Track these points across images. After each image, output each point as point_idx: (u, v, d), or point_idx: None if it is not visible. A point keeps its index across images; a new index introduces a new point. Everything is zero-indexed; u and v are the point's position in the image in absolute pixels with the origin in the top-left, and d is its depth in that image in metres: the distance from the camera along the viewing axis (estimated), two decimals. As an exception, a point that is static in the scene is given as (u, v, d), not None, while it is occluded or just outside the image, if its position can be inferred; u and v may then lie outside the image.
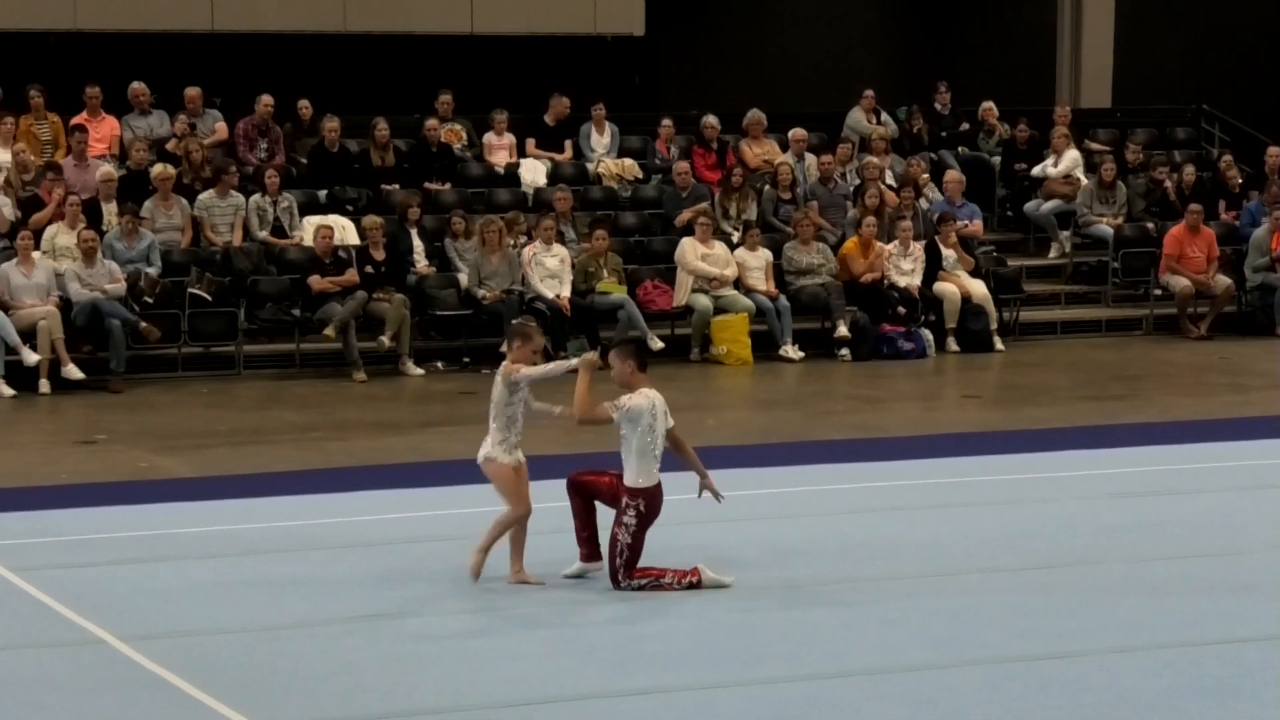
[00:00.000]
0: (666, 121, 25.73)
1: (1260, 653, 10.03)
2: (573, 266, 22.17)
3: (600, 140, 25.30)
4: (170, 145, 22.92)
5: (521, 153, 24.94)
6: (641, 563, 11.37)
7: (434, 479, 14.97)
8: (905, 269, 22.99)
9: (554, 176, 24.74)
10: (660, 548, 11.58)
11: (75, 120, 22.70)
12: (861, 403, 19.66)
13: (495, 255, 21.84)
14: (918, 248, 23.14)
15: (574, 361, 11.64)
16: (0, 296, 19.85)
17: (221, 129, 23.39)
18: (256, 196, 22.28)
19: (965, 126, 27.27)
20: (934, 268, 23.09)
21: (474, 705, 9.13)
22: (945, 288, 22.94)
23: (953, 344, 22.81)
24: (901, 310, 22.65)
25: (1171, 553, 12.47)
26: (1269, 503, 14.11)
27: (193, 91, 23.46)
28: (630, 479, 11.33)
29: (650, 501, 11.33)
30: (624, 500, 11.32)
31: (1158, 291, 24.64)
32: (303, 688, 9.43)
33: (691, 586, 11.29)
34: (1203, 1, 31.84)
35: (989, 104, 27.28)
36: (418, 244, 22.26)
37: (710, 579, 11.34)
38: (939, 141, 26.86)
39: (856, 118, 26.50)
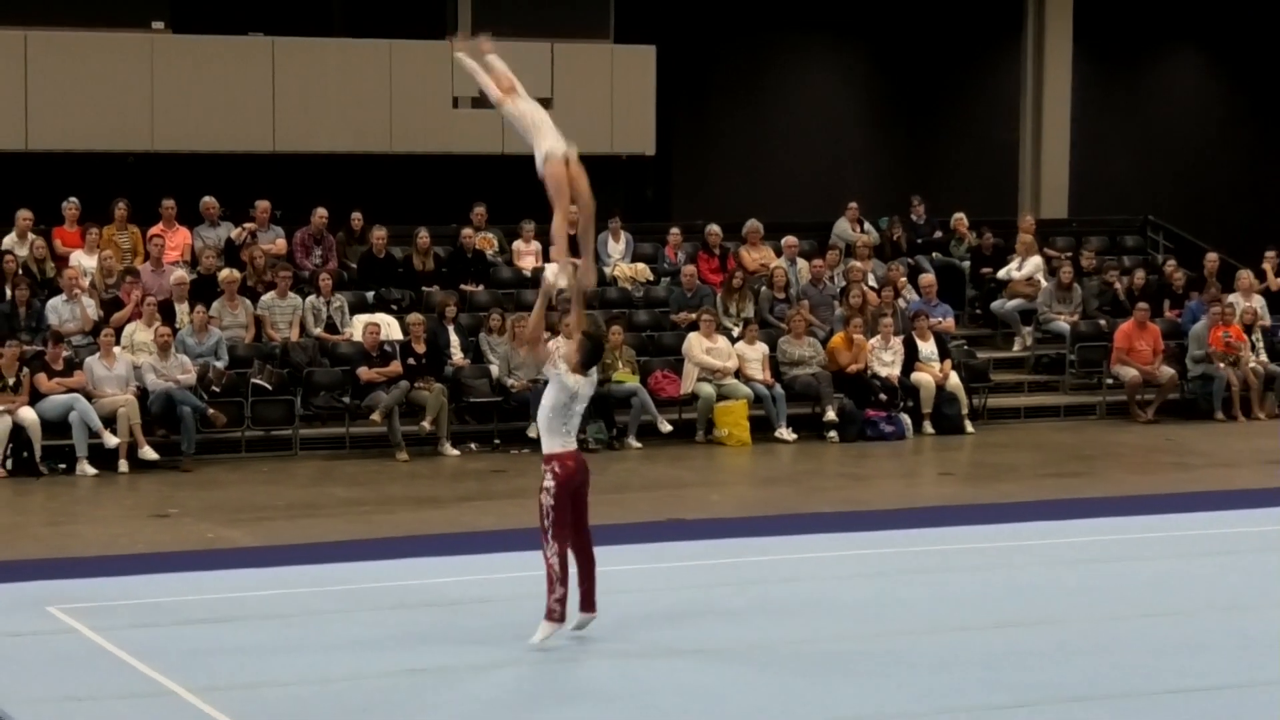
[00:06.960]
0: (675, 230, 25.73)
1: (1206, 702, 9.99)
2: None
3: (616, 247, 25.30)
4: (235, 234, 23.00)
5: (546, 258, 24.91)
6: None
7: (470, 548, 14.93)
8: (886, 360, 22.99)
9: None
10: (664, 605, 11.50)
11: (152, 231, 22.72)
12: (849, 479, 19.60)
13: (523, 349, 21.85)
14: (897, 342, 23.13)
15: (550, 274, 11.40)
16: (85, 386, 19.86)
17: (281, 244, 23.42)
18: (312, 297, 22.31)
19: (939, 234, 27.26)
20: (911, 359, 23.09)
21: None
22: (922, 377, 22.91)
23: (929, 427, 22.75)
24: (883, 397, 22.61)
25: (1125, 613, 12.43)
26: (1210, 568, 14.09)
27: (263, 204, 23.50)
28: (545, 448, 11.18)
29: (564, 465, 11.09)
30: (542, 467, 11.14)
31: (1110, 381, 24.60)
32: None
33: (549, 611, 11.06)
34: (1148, 124, 31.88)
35: (959, 215, 27.29)
36: (454, 339, 22.27)
37: (540, 634, 11.09)
38: (915, 248, 26.84)
39: (843, 227, 26.53)
